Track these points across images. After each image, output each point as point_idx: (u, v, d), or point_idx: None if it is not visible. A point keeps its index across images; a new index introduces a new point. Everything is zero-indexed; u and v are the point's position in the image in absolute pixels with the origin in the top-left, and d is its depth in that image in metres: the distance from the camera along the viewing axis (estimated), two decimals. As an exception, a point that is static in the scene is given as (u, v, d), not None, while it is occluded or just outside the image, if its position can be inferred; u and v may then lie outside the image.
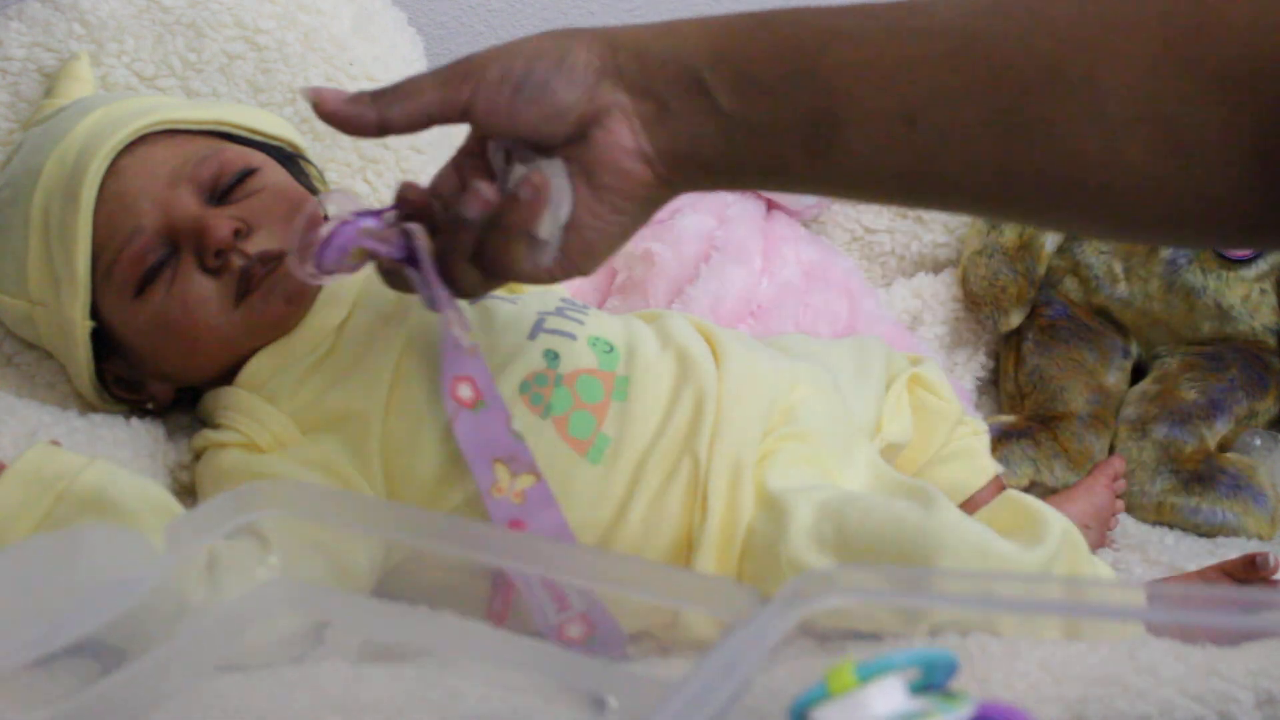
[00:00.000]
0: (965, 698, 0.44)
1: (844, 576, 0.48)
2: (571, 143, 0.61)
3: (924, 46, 0.55)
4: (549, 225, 0.62)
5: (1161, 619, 0.57)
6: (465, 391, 0.73)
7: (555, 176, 0.61)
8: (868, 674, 0.42)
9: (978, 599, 0.51)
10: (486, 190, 0.62)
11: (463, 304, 0.68)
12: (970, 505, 0.87)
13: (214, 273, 0.79)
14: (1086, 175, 0.52)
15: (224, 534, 0.53)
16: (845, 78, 0.56)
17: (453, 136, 1.15)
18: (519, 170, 0.63)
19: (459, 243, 0.64)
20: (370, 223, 0.66)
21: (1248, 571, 0.86)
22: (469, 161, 0.67)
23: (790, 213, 1.16)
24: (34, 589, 0.49)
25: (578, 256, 0.63)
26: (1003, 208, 0.59)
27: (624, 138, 0.60)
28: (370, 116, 0.63)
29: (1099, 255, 1.17)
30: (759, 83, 0.58)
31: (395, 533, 0.57)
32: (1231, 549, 0.98)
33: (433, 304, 0.66)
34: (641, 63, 0.60)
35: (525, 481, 0.73)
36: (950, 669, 0.44)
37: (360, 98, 0.63)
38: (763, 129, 0.58)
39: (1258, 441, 1.14)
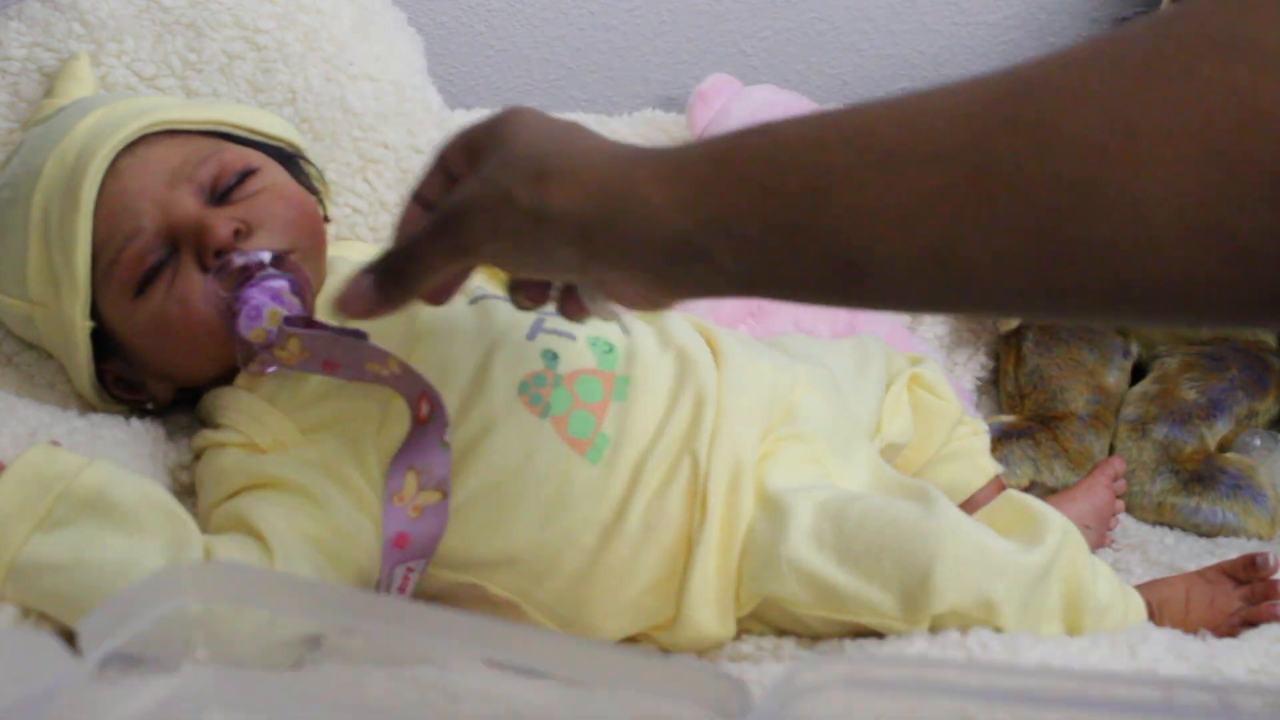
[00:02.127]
0: None
1: (834, 670, 0.45)
2: None
3: (935, 177, 0.49)
4: (597, 310, 0.65)
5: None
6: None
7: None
8: None
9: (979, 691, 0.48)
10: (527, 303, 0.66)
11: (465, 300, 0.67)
12: (970, 505, 0.87)
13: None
14: (1136, 290, 0.48)
15: (145, 625, 0.47)
16: (856, 224, 0.51)
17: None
18: None
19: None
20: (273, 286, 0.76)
21: (1248, 571, 0.86)
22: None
23: (790, 213, 1.16)
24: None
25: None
26: (1046, 318, 0.55)
27: (629, 294, 0.60)
28: (386, 303, 0.64)
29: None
30: (759, 244, 0.53)
31: (326, 614, 0.54)
32: (1231, 549, 0.99)
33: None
34: (623, 247, 0.56)
35: (429, 497, 0.74)
36: None
37: (367, 291, 0.64)
38: (777, 282, 0.55)
39: (1258, 441, 1.14)
